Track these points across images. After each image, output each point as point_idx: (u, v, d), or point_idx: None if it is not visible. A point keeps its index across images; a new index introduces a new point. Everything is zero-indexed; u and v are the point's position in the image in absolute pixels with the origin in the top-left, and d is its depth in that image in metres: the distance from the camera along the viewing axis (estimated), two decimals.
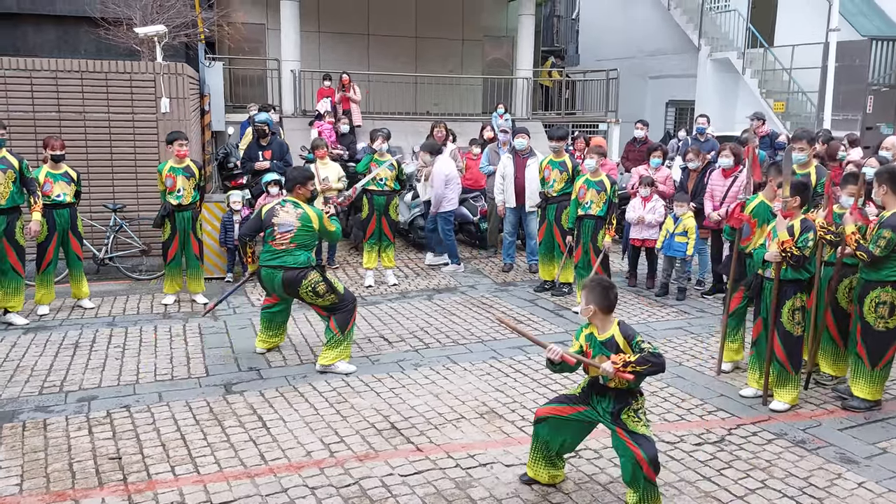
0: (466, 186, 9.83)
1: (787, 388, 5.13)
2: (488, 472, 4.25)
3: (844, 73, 15.11)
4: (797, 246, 4.82)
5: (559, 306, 7.71)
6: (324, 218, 5.74)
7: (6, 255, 6.62)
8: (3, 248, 6.60)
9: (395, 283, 8.48)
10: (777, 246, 4.87)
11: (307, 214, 5.67)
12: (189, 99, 9.20)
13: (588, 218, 7.39)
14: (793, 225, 4.90)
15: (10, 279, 6.69)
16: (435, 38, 19.28)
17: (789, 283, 5.01)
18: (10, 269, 6.67)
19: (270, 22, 17.55)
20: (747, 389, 5.41)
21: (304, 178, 5.80)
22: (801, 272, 4.97)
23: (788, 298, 5.02)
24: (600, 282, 3.83)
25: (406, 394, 5.36)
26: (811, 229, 4.87)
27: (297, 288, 5.60)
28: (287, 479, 4.14)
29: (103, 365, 5.85)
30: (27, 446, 4.49)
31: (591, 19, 23.75)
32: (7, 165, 6.55)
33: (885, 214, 4.96)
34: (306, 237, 5.66)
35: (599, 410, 3.81)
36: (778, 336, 5.08)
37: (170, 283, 7.56)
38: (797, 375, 5.14)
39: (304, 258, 5.62)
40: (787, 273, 4.98)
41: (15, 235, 6.67)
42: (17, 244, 6.70)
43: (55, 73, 8.40)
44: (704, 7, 18.99)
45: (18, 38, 16.17)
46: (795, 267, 4.89)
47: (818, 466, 4.37)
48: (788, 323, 5.04)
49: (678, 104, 20.32)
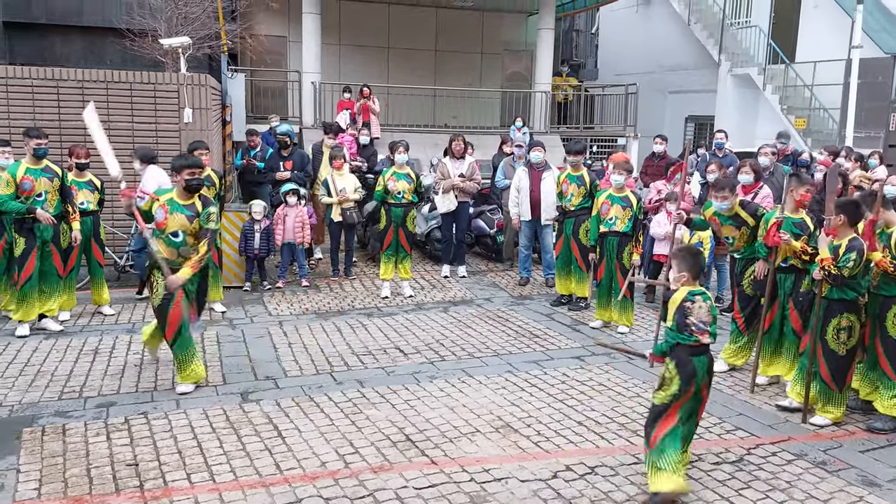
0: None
1: (830, 406, 5.13)
2: (503, 486, 4.23)
3: (867, 90, 14.98)
4: (837, 265, 4.83)
5: (576, 321, 7.67)
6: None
7: (53, 259, 6.74)
8: (51, 253, 6.72)
9: (411, 294, 8.50)
10: (819, 264, 4.92)
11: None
12: (211, 109, 9.31)
13: (612, 235, 7.24)
14: (839, 244, 4.91)
15: (50, 283, 6.79)
16: (454, 52, 19.39)
17: (836, 302, 5.02)
18: (54, 273, 6.78)
19: (292, 34, 17.74)
20: (786, 400, 5.42)
21: (179, 166, 5.54)
22: (846, 291, 4.97)
23: (834, 317, 5.03)
24: (689, 249, 4.29)
25: (421, 406, 5.35)
26: (855, 249, 4.85)
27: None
28: (302, 489, 4.14)
29: (122, 371, 5.90)
30: (46, 451, 4.53)
31: (610, 34, 23.76)
32: (52, 174, 6.71)
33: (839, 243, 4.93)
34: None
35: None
36: (823, 355, 5.09)
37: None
38: (842, 394, 5.13)
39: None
40: (832, 292, 5.00)
41: (60, 242, 6.81)
42: (62, 249, 6.85)
43: (81, 82, 8.54)
44: (725, 22, 18.93)
45: (46, 48, 16.46)
46: (835, 286, 4.92)
47: (839, 489, 4.30)
48: (833, 342, 5.05)
49: (698, 120, 20.24)
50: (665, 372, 4.10)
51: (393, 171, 8.39)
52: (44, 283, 6.74)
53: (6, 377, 5.71)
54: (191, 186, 5.50)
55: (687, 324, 4.02)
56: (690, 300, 4.04)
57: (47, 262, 6.73)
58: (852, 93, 14.42)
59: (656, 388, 4.16)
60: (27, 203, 6.54)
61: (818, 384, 5.15)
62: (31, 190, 6.56)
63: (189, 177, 5.47)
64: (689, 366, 4.02)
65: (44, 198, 6.62)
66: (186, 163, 5.55)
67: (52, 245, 6.73)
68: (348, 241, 9.33)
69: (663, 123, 19.85)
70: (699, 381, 4.06)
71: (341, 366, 6.16)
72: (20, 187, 6.52)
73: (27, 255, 6.58)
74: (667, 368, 4.09)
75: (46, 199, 6.63)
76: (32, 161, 6.64)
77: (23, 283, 6.58)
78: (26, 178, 6.55)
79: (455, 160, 9.47)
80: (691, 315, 4.02)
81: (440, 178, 9.37)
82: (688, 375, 4.02)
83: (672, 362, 4.06)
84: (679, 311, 4.04)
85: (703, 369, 4.06)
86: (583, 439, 4.87)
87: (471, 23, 19.42)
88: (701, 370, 4.05)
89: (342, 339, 6.84)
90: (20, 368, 5.90)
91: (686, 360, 4.02)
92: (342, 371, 6.04)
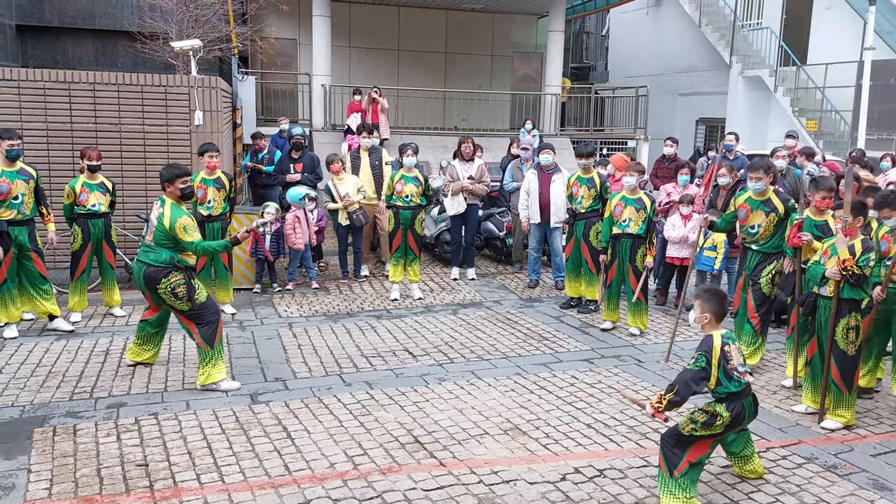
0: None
1: (841, 409, 5.12)
2: (512, 489, 4.22)
3: (879, 91, 14.88)
4: (858, 265, 4.83)
5: (585, 323, 7.66)
6: (176, 223, 5.44)
7: (33, 264, 6.73)
8: (31, 258, 6.71)
9: (420, 296, 8.50)
10: (839, 264, 4.88)
11: (162, 214, 5.50)
12: (222, 112, 9.35)
13: (625, 237, 7.19)
14: (854, 244, 4.91)
15: (41, 285, 6.81)
16: (464, 54, 19.42)
17: (845, 302, 5.01)
18: (38, 276, 6.79)
19: (302, 37, 17.83)
20: (799, 406, 5.43)
21: (171, 176, 5.57)
22: (857, 291, 4.98)
23: (843, 317, 5.02)
24: (715, 292, 4.11)
25: (430, 408, 5.35)
26: (872, 249, 4.90)
27: (156, 285, 5.49)
28: (310, 490, 4.15)
29: (132, 372, 5.93)
30: (57, 451, 4.56)
31: (620, 36, 23.72)
32: (28, 176, 6.69)
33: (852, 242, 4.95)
34: (160, 236, 5.49)
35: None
36: (833, 355, 5.07)
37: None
38: (852, 395, 5.12)
39: (165, 257, 5.48)
40: (843, 292, 5.00)
41: (38, 244, 6.81)
42: (41, 252, 6.85)
43: (93, 85, 8.60)
44: (736, 24, 18.86)
45: (58, 51, 16.60)
46: (855, 285, 4.92)
47: (850, 492, 4.27)
48: (843, 342, 5.04)
49: (708, 122, 20.17)
50: (717, 416, 3.94)
51: (401, 175, 8.40)
52: (33, 285, 6.74)
53: (18, 377, 5.76)
54: (185, 194, 5.62)
55: (730, 369, 3.91)
56: (727, 343, 3.94)
57: (28, 266, 6.69)
58: (864, 95, 14.32)
59: (696, 423, 3.96)
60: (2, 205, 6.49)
61: (829, 387, 5.13)
62: (8, 193, 6.50)
63: (183, 185, 5.58)
64: (739, 409, 3.96)
65: (20, 200, 6.58)
66: (178, 172, 5.63)
67: (32, 250, 6.67)
68: (356, 242, 9.35)
69: (674, 126, 19.79)
70: (746, 422, 4.06)
71: (350, 367, 6.17)
72: None
73: (1, 259, 6.52)
74: (719, 415, 3.92)
75: (23, 202, 6.61)
76: (6, 163, 6.58)
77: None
78: (2, 181, 6.50)
79: (464, 162, 9.47)
80: (732, 360, 3.92)
81: (449, 181, 9.37)
82: (738, 419, 3.97)
83: (726, 411, 3.92)
84: (722, 357, 3.91)
85: (749, 409, 4.02)
86: (592, 442, 4.86)
87: (481, 25, 19.44)
88: (748, 411, 4.02)
89: (351, 341, 6.85)
90: (32, 369, 5.95)
91: (736, 404, 3.95)
92: (351, 373, 6.05)
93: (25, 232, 6.65)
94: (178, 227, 5.43)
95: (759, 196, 6.04)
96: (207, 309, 5.63)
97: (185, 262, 5.58)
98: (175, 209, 5.51)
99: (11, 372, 5.87)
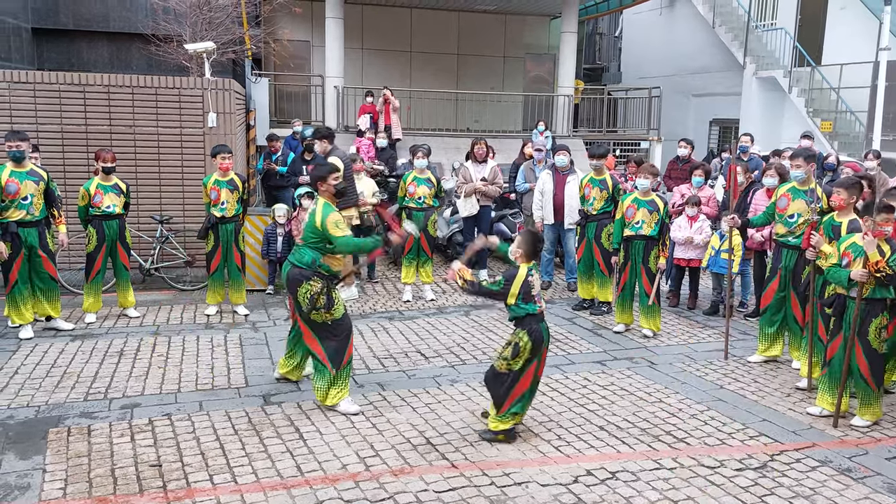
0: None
1: (869, 406, 5.14)
2: (523, 490, 4.22)
3: (895, 92, 14.75)
4: (889, 264, 4.84)
5: (597, 325, 7.63)
6: (327, 220, 5.24)
7: (43, 265, 6.80)
8: (40, 258, 6.77)
9: (432, 298, 8.51)
10: (871, 267, 4.90)
11: (313, 211, 5.36)
12: (235, 114, 9.41)
13: (638, 239, 7.16)
14: (881, 245, 4.92)
15: (48, 286, 6.88)
16: (476, 56, 19.42)
17: (877, 302, 5.03)
18: (48, 277, 6.86)
19: (315, 39, 17.90)
20: (814, 408, 5.40)
21: (323, 174, 5.40)
22: (888, 290, 5.00)
23: (876, 316, 5.04)
24: (534, 235, 4.90)
25: (442, 409, 5.35)
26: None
27: (297, 288, 5.30)
28: (322, 491, 4.16)
29: (146, 373, 5.97)
30: (71, 451, 4.60)
31: (633, 37, 23.64)
32: (38, 177, 6.74)
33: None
34: (309, 233, 5.34)
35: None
36: (864, 354, 5.08)
37: (212, 294, 7.69)
38: (878, 391, 5.15)
39: (308, 258, 5.31)
40: (875, 292, 5.01)
41: (49, 245, 6.86)
42: (51, 253, 6.91)
43: (107, 87, 8.67)
44: (750, 25, 18.75)
45: (73, 54, 16.76)
46: (887, 285, 4.94)
47: (864, 496, 4.23)
48: (875, 341, 5.06)
49: (722, 123, 20.05)
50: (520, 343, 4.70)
51: (413, 176, 8.41)
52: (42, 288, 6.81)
53: (33, 378, 5.81)
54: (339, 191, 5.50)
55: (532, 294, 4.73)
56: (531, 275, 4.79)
57: (38, 268, 6.75)
58: (880, 95, 14.20)
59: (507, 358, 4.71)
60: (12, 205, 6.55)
61: (858, 384, 5.15)
62: (17, 193, 6.56)
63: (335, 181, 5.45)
64: (537, 331, 4.73)
65: (29, 201, 6.63)
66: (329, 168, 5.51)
67: (41, 250, 6.73)
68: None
69: (687, 127, 19.70)
70: (545, 343, 4.80)
71: (362, 369, 6.18)
72: (5, 190, 6.51)
73: (12, 260, 6.59)
74: (521, 340, 4.69)
75: (32, 203, 6.66)
76: (15, 164, 6.64)
77: (10, 288, 6.64)
78: (11, 181, 6.55)
79: (477, 164, 9.47)
80: (534, 288, 4.76)
81: (462, 182, 9.37)
82: (537, 340, 4.73)
83: (526, 335, 4.69)
84: (525, 284, 4.72)
85: (546, 332, 4.82)
86: (604, 444, 4.84)
87: (493, 26, 19.44)
88: (546, 334, 4.81)
89: (363, 343, 6.86)
90: (47, 370, 6.00)
91: (534, 326, 4.74)
92: (363, 374, 6.06)
93: (35, 233, 6.71)
94: (330, 222, 5.22)
95: (802, 185, 6.07)
96: (341, 326, 5.33)
97: (326, 268, 5.34)
98: (327, 207, 5.32)
99: (27, 372, 5.93)
